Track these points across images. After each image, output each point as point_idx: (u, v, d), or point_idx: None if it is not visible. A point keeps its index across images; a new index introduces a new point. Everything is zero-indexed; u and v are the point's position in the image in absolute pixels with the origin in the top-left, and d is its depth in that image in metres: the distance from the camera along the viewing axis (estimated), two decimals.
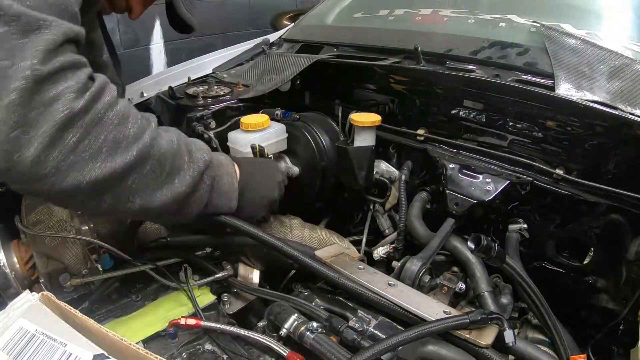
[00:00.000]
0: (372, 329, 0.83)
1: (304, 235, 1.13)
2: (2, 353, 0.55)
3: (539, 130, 1.03)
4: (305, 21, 1.78)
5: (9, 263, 0.94)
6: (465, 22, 1.30)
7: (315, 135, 1.20)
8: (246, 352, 0.84)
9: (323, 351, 0.75)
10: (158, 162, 0.74)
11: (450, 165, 1.07)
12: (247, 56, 1.68)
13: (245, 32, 3.63)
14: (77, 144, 0.64)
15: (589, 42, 1.04)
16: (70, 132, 0.63)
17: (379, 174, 1.21)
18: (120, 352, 0.56)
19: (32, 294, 0.62)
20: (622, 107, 0.90)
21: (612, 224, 0.94)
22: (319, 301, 0.94)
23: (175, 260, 1.04)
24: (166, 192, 0.76)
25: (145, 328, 0.89)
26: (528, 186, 1.01)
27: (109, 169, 0.67)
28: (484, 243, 0.80)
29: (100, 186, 0.68)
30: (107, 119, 0.67)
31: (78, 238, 0.95)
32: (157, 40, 3.26)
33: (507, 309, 0.97)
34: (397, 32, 1.35)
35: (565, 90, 0.95)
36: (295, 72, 1.30)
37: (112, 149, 0.67)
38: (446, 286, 0.94)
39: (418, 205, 1.11)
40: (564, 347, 0.84)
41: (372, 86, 1.31)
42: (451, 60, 1.16)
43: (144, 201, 0.74)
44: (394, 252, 1.11)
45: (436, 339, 0.78)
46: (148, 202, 0.74)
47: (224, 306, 1.02)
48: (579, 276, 1.02)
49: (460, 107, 1.13)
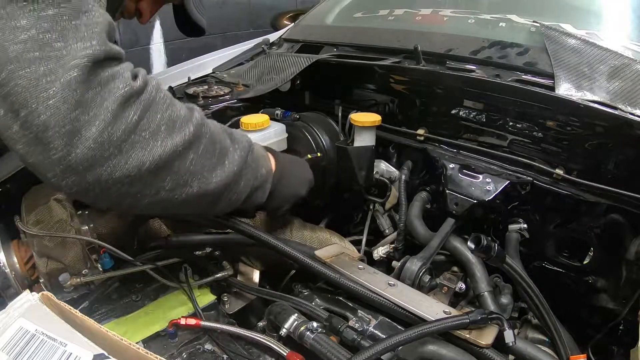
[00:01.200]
0: (372, 329, 0.83)
1: (304, 235, 1.13)
2: (2, 353, 0.55)
3: (539, 130, 1.03)
4: (305, 21, 1.78)
5: (9, 263, 0.94)
6: (465, 22, 1.30)
7: (315, 135, 1.20)
8: (246, 352, 0.84)
9: (323, 351, 0.75)
10: (210, 142, 0.73)
11: (450, 165, 1.07)
12: (247, 56, 1.68)
13: (245, 32, 3.63)
14: (137, 123, 0.62)
15: (589, 42, 1.04)
16: (131, 110, 0.62)
17: (379, 174, 1.21)
18: (120, 352, 0.56)
19: (32, 294, 0.62)
20: (622, 107, 0.90)
21: (612, 224, 0.94)
22: (319, 301, 0.94)
23: (175, 260, 1.04)
24: (220, 174, 0.75)
25: (145, 328, 0.89)
26: (528, 186, 1.01)
27: (170, 146, 0.66)
28: (484, 243, 0.80)
29: (162, 167, 0.66)
30: (159, 99, 0.67)
31: (78, 238, 0.95)
32: (157, 40, 3.26)
33: (507, 309, 0.97)
34: (397, 32, 1.35)
35: (565, 90, 0.95)
36: (295, 72, 1.30)
37: (170, 128, 0.66)
38: (446, 286, 0.94)
39: (418, 205, 1.11)
40: (564, 347, 0.84)
41: (372, 86, 1.31)
42: (451, 60, 1.16)
43: (201, 184, 0.72)
44: (394, 252, 1.11)
45: (436, 338, 0.78)
46: (206, 185, 0.73)
47: (224, 306, 1.02)
48: (579, 276, 1.02)
49: (460, 107, 1.13)
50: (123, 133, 0.61)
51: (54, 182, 0.61)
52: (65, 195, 0.65)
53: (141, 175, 0.64)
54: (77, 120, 0.58)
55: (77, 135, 0.58)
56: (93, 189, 0.62)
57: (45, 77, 0.56)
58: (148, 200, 0.68)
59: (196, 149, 0.70)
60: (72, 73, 0.57)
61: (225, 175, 0.76)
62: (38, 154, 0.58)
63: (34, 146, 0.58)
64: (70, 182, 0.61)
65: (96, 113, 0.59)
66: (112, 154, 0.60)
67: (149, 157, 0.64)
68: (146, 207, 0.70)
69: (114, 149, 0.60)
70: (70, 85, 0.57)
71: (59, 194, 0.98)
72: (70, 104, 0.57)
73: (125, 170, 0.62)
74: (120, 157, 0.61)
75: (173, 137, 0.66)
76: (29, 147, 0.58)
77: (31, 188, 1.00)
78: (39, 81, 0.56)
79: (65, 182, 0.61)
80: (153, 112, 0.65)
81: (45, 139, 0.57)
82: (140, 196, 0.67)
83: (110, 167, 0.61)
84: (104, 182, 0.62)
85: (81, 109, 0.58)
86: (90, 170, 0.60)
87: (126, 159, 0.62)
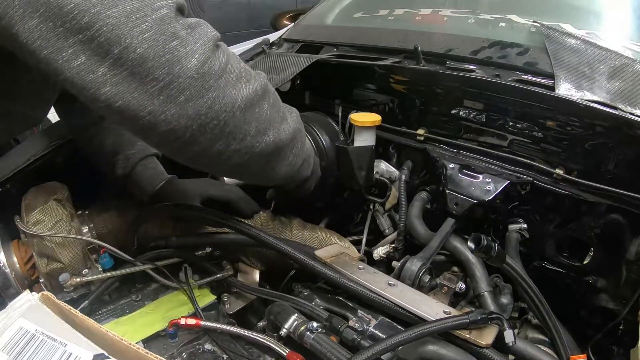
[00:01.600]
0: (372, 329, 0.83)
1: (304, 235, 1.13)
2: (2, 353, 0.55)
3: (539, 130, 1.03)
4: (305, 21, 1.77)
5: (9, 263, 0.94)
6: (465, 22, 1.30)
7: (315, 135, 1.20)
8: (246, 352, 0.84)
9: (323, 351, 0.75)
10: (275, 98, 0.77)
11: (450, 165, 1.07)
12: (247, 56, 1.68)
13: (245, 32, 3.63)
14: (226, 65, 0.65)
15: (589, 42, 1.04)
16: (221, 52, 0.65)
17: (379, 174, 1.21)
18: (120, 352, 0.56)
19: (32, 294, 0.61)
20: (622, 107, 0.90)
21: (612, 224, 0.94)
22: (319, 301, 0.94)
23: (175, 260, 1.04)
24: (286, 127, 0.79)
25: (145, 328, 0.89)
26: (528, 186, 1.01)
27: (252, 90, 0.69)
28: (484, 243, 0.80)
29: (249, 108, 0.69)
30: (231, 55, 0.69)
31: (78, 238, 0.95)
32: None
33: (507, 309, 0.97)
34: (397, 32, 1.35)
35: (565, 90, 0.95)
36: (295, 72, 1.29)
37: (248, 76, 0.70)
38: (446, 286, 0.94)
39: (418, 205, 1.11)
40: (564, 347, 0.84)
41: (372, 86, 1.31)
42: (451, 60, 1.16)
43: (275, 133, 0.75)
44: (394, 252, 1.11)
45: (436, 338, 0.78)
46: (278, 135, 0.76)
47: (224, 306, 1.02)
48: (579, 276, 1.02)
49: (460, 107, 1.13)
50: (219, 69, 0.63)
51: (150, 119, 0.60)
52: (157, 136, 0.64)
53: (234, 113, 0.67)
54: (177, 50, 0.59)
55: (178, 64, 0.59)
56: (191, 125, 0.63)
57: (134, 14, 0.57)
58: (234, 147, 0.70)
59: (269, 99, 0.74)
60: (163, 11, 0.58)
61: (290, 129, 0.80)
62: (133, 91, 0.58)
63: (127, 84, 0.58)
64: (170, 116, 0.61)
65: (193, 48, 0.60)
66: (212, 86, 0.62)
67: (239, 96, 0.66)
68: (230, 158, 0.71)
69: (213, 81, 0.62)
70: (163, 20, 0.58)
71: (59, 194, 0.98)
72: (167, 36, 0.58)
73: (222, 104, 0.64)
74: (219, 91, 0.63)
75: (252, 84, 0.70)
76: (119, 87, 0.58)
77: (31, 188, 1.00)
78: (129, 18, 0.56)
79: (164, 115, 0.60)
80: (234, 60, 0.68)
81: (143, 72, 0.58)
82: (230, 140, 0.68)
83: (211, 100, 0.63)
84: (203, 116, 0.63)
85: (179, 41, 0.59)
86: (192, 101, 0.61)
87: (223, 94, 0.64)
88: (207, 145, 0.67)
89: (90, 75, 0.58)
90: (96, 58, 0.57)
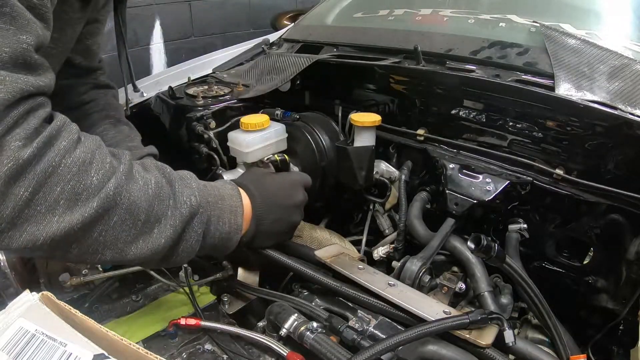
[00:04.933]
0: (372, 329, 0.83)
1: (304, 236, 1.13)
2: (2, 353, 0.55)
3: (539, 130, 1.03)
4: (305, 21, 1.78)
5: (9, 263, 0.94)
6: (465, 22, 1.30)
7: (315, 135, 1.20)
8: (246, 352, 0.84)
9: (323, 351, 0.75)
10: (128, 213, 0.66)
11: (450, 165, 1.07)
12: (247, 56, 1.69)
13: (245, 32, 3.63)
14: (31, 198, 0.57)
15: (589, 42, 1.04)
16: (21, 186, 0.56)
17: (379, 174, 1.21)
18: (120, 352, 0.56)
19: (32, 294, 0.61)
20: (622, 107, 0.90)
21: (612, 224, 0.94)
22: (319, 301, 0.94)
23: None
24: (142, 245, 0.68)
25: (145, 328, 0.89)
26: (528, 186, 1.01)
27: (67, 223, 0.60)
28: (484, 243, 0.80)
29: (60, 241, 0.61)
30: (63, 167, 0.59)
31: None
32: (157, 40, 3.26)
33: (507, 309, 0.97)
34: (397, 32, 1.35)
35: (565, 90, 0.95)
36: (295, 72, 1.30)
37: (71, 202, 0.60)
38: (446, 286, 0.94)
39: (418, 205, 1.11)
40: (564, 347, 0.84)
41: (372, 86, 1.31)
42: (451, 60, 1.16)
43: (115, 254, 0.67)
44: (394, 252, 1.11)
45: (436, 338, 0.78)
46: (121, 255, 0.67)
47: (224, 306, 1.02)
48: (579, 276, 1.02)
49: (460, 107, 1.13)
50: (13, 210, 0.56)
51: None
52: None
53: (38, 248, 0.60)
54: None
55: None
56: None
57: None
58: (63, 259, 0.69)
59: (106, 222, 0.64)
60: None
61: (151, 246, 0.69)
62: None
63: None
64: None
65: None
66: (5, 228, 0.57)
67: (42, 233, 0.59)
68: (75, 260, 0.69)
69: (6, 224, 0.57)
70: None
71: None
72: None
73: (19, 243, 0.59)
74: (14, 231, 0.58)
75: (72, 214, 0.60)
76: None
77: None
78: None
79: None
80: (51, 185, 0.58)
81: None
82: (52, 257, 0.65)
83: (6, 240, 0.58)
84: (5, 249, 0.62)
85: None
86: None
87: (20, 234, 0.58)
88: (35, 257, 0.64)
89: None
90: None
